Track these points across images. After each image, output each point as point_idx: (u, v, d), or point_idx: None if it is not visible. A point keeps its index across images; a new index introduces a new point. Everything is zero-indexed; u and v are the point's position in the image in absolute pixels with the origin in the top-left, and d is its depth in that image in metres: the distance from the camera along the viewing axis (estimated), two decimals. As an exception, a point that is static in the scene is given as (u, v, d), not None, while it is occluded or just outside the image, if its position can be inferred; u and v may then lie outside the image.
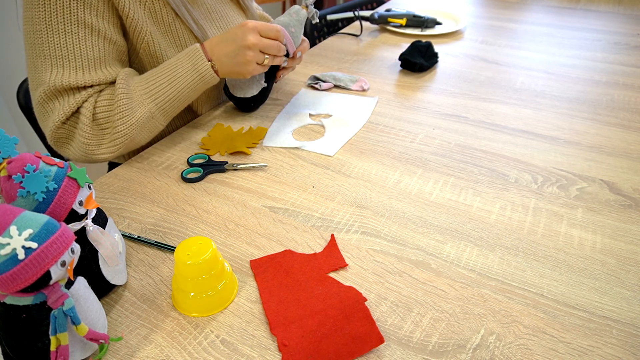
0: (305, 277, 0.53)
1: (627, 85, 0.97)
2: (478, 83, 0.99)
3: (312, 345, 0.45)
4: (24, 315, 0.39)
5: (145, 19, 0.74)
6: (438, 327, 0.48)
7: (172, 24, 0.78)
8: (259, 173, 0.72)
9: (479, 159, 0.74)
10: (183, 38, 0.80)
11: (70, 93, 0.69)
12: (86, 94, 0.70)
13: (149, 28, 0.75)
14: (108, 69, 0.72)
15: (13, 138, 0.43)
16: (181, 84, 0.74)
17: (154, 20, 0.76)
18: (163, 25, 0.78)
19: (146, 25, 0.74)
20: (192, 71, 0.73)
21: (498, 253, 0.56)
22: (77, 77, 0.69)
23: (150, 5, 0.75)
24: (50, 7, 0.66)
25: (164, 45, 0.78)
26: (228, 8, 0.91)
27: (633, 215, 0.62)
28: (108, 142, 0.71)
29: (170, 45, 0.79)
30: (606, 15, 1.41)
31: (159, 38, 0.77)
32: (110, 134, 0.71)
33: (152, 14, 0.75)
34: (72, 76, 0.68)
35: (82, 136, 0.70)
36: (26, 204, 0.42)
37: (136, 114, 0.71)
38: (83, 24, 0.68)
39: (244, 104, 0.86)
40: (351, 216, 0.62)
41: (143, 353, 0.46)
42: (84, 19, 0.68)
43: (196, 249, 0.47)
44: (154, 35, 0.76)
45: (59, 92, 0.69)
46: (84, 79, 0.69)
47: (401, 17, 1.28)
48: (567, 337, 0.46)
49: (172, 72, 0.73)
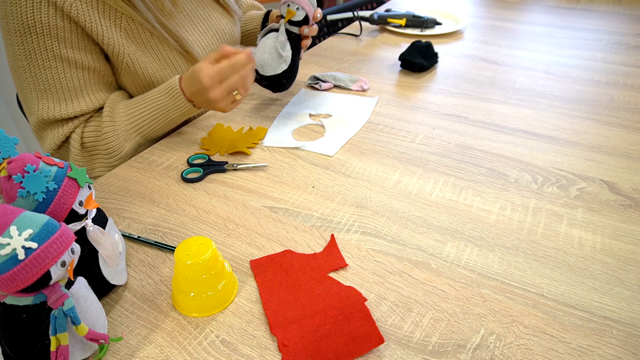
0: (305, 277, 0.53)
1: (627, 85, 0.97)
2: (478, 83, 0.99)
3: (312, 345, 0.45)
4: (24, 316, 0.39)
5: (122, 40, 0.75)
6: (438, 327, 0.48)
7: (150, 40, 0.79)
8: (259, 173, 0.72)
9: (479, 159, 0.74)
10: (164, 51, 0.81)
11: (58, 124, 0.75)
12: (73, 125, 0.76)
13: (127, 49, 0.76)
14: (91, 97, 0.76)
15: (13, 138, 0.43)
16: (165, 119, 0.77)
17: (132, 40, 0.77)
18: (142, 44, 0.78)
19: (123, 47, 0.76)
20: (174, 109, 0.76)
21: (498, 253, 0.56)
22: (61, 108, 0.74)
23: (125, 27, 0.76)
24: (28, 45, 0.69)
25: (145, 63, 0.79)
26: (211, 9, 0.91)
27: (633, 215, 0.62)
28: (98, 169, 0.78)
29: (152, 61, 0.80)
30: (606, 15, 1.41)
31: (140, 56, 0.78)
32: (99, 161, 0.78)
33: (129, 35, 0.76)
34: (57, 108, 0.74)
35: (75, 160, 0.77)
36: (26, 204, 0.42)
37: (125, 148, 0.77)
38: (60, 58, 0.71)
39: (276, 83, 0.85)
40: (351, 216, 0.62)
41: (143, 353, 0.46)
42: (60, 53, 0.71)
43: (196, 249, 0.47)
44: (134, 55, 0.77)
45: (48, 123, 0.75)
46: (68, 110, 0.74)
47: (401, 18, 1.28)
48: (567, 337, 0.46)
49: (156, 110, 0.76)
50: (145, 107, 0.76)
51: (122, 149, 0.77)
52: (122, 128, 0.76)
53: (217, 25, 0.91)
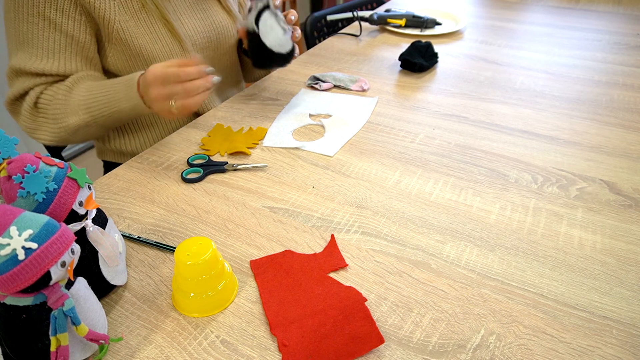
0: (306, 278, 0.53)
1: (627, 85, 0.97)
2: (478, 83, 0.99)
3: (312, 345, 0.45)
4: (24, 316, 0.39)
5: (114, 8, 0.78)
6: (438, 327, 0.48)
7: (141, 12, 0.80)
8: (259, 173, 0.72)
9: (479, 159, 0.74)
10: (155, 25, 0.82)
11: (24, 76, 0.77)
12: (34, 82, 0.77)
13: (118, 17, 0.78)
14: (62, 62, 0.77)
15: (13, 138, 0.43)
16: (114, 106, 0.76)
17: (124, 9, 0.79)
18: (134, 14, 0.80)
19: (114, 14, 0.78)
20: (125, 100, 0.75)
21: (498, 253, 0.56)
22: (31, 62, 0.76)
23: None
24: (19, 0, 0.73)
25: (136, 33, 0.80)
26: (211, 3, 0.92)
27: (633, 215, 0.62)
28: (43, 133, 0.79)
29: (143, 34, 0.81)
30: (606, 15, 1.41)
31: (131, 26, 0.80)
32: (45, 125, 0.79)
33: (122, 3, 0.78)
34: (27, 61, 0.76)
35: (22, 118, 0.80)
36: (26, 204, 0.42)
37: (70, 119, 0.77)
38: (43, 16, 0.74)
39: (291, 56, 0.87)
40: (351, 216, 0.62)
41: (143, 353, 0.46)
42: (44, 12, 0.74)
43: (196, 250, 0.47)
44: (125, 24, 0.79)
45: (18, 72, 0.77)
46: (36, 65, 0.76)
47: (400, 18, 1.28)
48: (567, 337, 0.46)
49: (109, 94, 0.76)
50: (102, 89, 0.77)
51: (67, 119, 0.77)
52: (75, 101, 0.76)
53: (214, 17, 0.92)
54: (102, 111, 0.76)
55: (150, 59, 0.82)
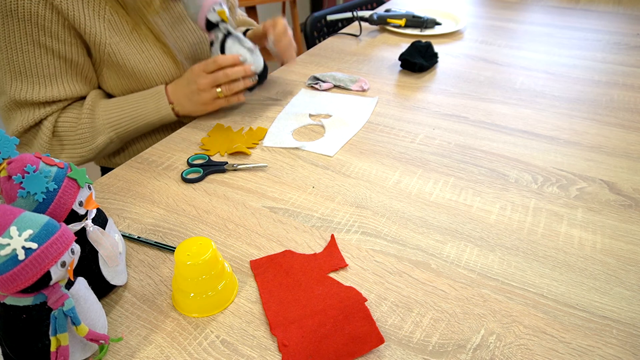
0: (306, 278, 0.53)
1: (627, 85, 0.97)
2: (478, 83, 0.99)
3: (312, 345, 0.45)
4: (24, 316, 0.39)
5: (104, 31, 0.76)
6: (438, 327, 0.48)
7: (132, 33, 0.80)
8: (259, 173, 0.72)
9: (479, 159, 0.74)
10: (147, 44, 0.82)
11: (29, 107, 0.76)
12: (46, 112, 0.77)
13: (109, 39, 0.77)
14: (65, 86, 0.77)
15: (13, 138, 0.43)
16: (142, 121, 0.82)
17: (115, 31, 0.78)
18: (125, 36, 0.79)
19: (105, 37, 0.77)
20: (155, 112, 0.82)
21: (498, 253, 0.56)
22: (34, 92, 0.75)
23: (109, 18, 0.77)
24: (8, 27, 0.71)
25: (128, 54, 0.80)
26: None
27: (633, 215, 0.62)
28: (66, 157, 0.80)
29: (135, 54, 0.81)
30: (606, 15, 1.41)
31: (122, 47, 0.79)
32: (68, 150, 0.80)
33: (112, 25, 0.77)
34: (29, 91, 0.74)
35: (40, 148, 0.78)
36: (26, 204, 0.42)
37: (97, 140, 0.79)
38: (38, 44, 0.72)
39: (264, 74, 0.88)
40: (351, 216, 0.62)
41: (143, 353, 0.46)
42: (39, 39, 0.72)
43: (196, 250, 0.47)
44: (116, 46, 0.78)
45: (19, 104, 0.76)
46: (40, 94, 0.75)
47: (400, 18, 1.28)
48: (567, 337, 0.46)
49: (136, 109, 0.81)
50: (127, 105, 0.80)
51: (95, 141, 0.79)
52: (100, 121, 0.78)
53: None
54: (128, 127, 0.81)
55: (144, 78, 0.83)
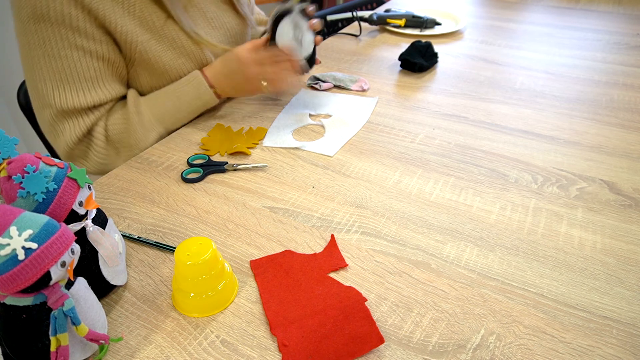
0: (305, 278, 0.53)
1: (627, 85, 0.97)
2: (478, 83, 0.99)
3: (312, 345, 0.45)
4: (24, 316, 0.39)
5: (135, 28, 0.75)
6: (438, 327, 0.48)
7: (163, 28, 0.79)
8: (259, 173, 0.72)
9: (479, 159, 0.74)
10: (178, 39, 0.81)
11: (77, 115, 0.74)
12: (94, 117, 0.76)
13: (140, 37, 0.76)
14: (107, 87, 0.77)
15: (13, 138, 0.43)
16: (187, 109, 0.82)
17: (145, 28, 0.77)
18: (155, 32, 0.78)
19: (136, 35, 0.75)
20: (196, 99, 0.81)
21: (498, 253, 0.56)
22: (79, 98, 0.73)
23: (139, 14, 0.75)
24: (43, 34, 0.69)
25: (159, 50, 0.79)
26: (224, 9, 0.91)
27: (633, 215, 0.62)
28: (123, 159, 0.78)
29: (166, 49, 0.80)
30: (606, 15, 1.41)
31: (153, 44, 0.78)
32: (123, 153, 0.78)
33: (142, 22, 0.76)
34: (75, 98, 0.73)
35: (97, 156, 0.77)
36: (26, 204, 0.42)
37: (149, 138, 0.79)
38: (75, 46, 0.71)
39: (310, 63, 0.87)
40: (351, 216, 0.62)
41: (143, 353, 0.46)
42: (75, 42, 0.71)
43: (196, 250, 0.47)
44: (147, 44, 0.77)
45: (66, 114, 0.74)
46: (87, 99, 0.74)
47: (400, 18, 1.28)
48: (567, 337, 0.46)
49: (178, 99, 0.80)
50: (167, 98, 0.79)
51: (148, 139, 0.78)
52: (146, 118, 0.78)
53: (229, 25, 0.91)
54: (175, 118, 0.81)
55: (175, 74, 0.82)
